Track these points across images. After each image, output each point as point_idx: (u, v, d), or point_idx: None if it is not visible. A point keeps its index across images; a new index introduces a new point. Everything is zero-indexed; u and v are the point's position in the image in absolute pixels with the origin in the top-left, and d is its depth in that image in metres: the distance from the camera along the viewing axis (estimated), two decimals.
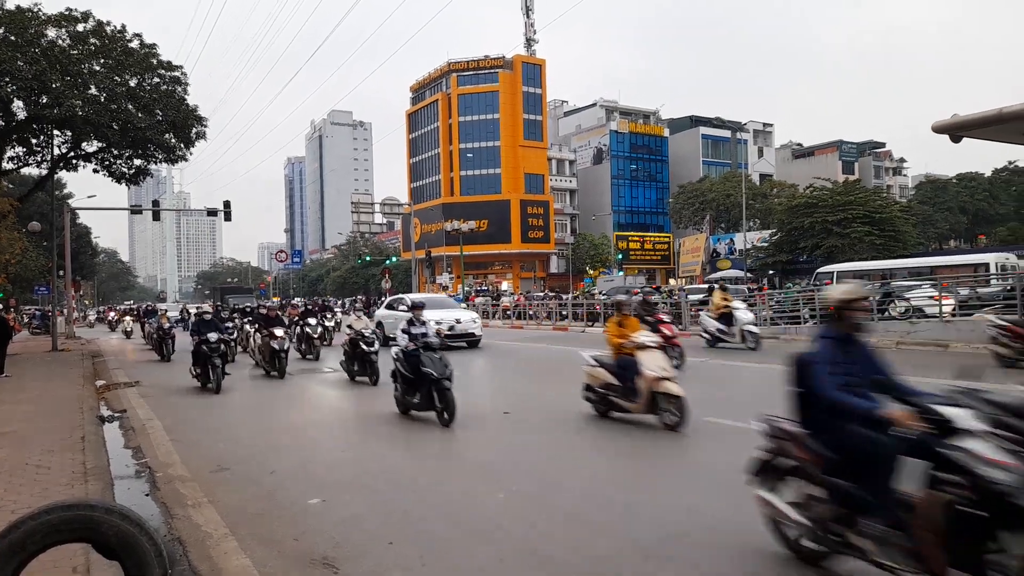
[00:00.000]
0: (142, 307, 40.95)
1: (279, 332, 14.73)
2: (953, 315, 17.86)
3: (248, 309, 25.74)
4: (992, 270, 23.26)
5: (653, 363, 8.05)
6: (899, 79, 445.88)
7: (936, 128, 11.57)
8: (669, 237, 74.78)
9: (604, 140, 79.52)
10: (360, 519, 5.42)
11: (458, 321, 20.31)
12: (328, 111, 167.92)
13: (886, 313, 19.42)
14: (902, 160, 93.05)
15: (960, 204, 65.02)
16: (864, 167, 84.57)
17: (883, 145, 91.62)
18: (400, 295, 26.46)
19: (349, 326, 13.26)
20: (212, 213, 33.83)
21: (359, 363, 13.09)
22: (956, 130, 11.51)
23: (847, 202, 42.93)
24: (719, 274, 51.27)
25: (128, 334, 32.62)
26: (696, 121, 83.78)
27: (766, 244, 50.46)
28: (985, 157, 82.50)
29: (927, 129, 11.99)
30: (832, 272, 28.72)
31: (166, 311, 24.87)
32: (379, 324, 20.24)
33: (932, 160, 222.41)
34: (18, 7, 21.97)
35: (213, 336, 12.85)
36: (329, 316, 22.34)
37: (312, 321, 19.23)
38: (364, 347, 12.84)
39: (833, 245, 42.05)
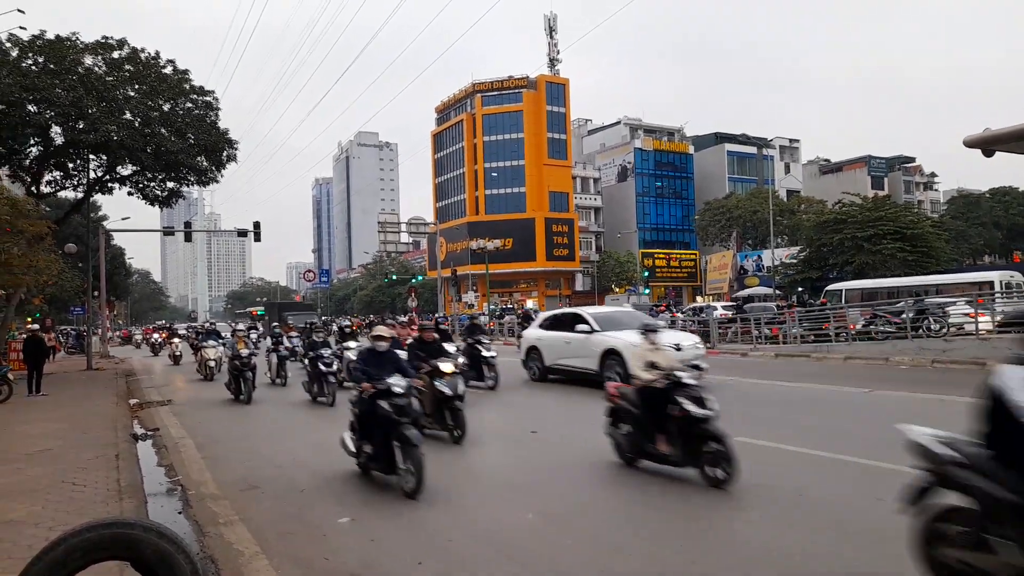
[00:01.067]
0: (198, 327, 31.63)
1: (447, 367, 9.48)
2: (990, 332, 17.57)
3: (345, 328, 21.50)
4: (996, 288, 23.23)
5: None
6: (929, 94, 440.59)
7: (968, 142, 11.39)
8: (695, 254, 74.28)
9: (628, 158, 79.48)
10: (388, 538, 5.43)
11: (678, 347, 13.20)
12: (355, 132, 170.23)
13: (920, 331, 19.05)
14: (933, 175, 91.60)
15: (994, 219, 63.72)
16: (894, 182, 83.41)
17: (913, 160, 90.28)
18: (571, 309, 17.98)
19: (652, 365, 7.19)
20: (242, 234, 34.41)
21: (679, 439, 6.67)
22: (988, 144, 11.31)
23: (877, 218, 42.29)
24: (747, 291, 50.80)
25: (176, 359, 27.24)
26: (721, 138, 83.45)
27: (794, 261, 49.84)
28: (1020, 171, 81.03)
29: (958, 144, 11.81)
30: (840, 290, 28.59)
31: (247, 332, 18.20)
32: (611, 351, 13.26)
33: (964, 175, 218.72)
34: (57, 36, 22.72)
35: (399, 384, 7.11)
36: (485, 341, 15.24)
37: (451, 348, 12.59)
38: (690, 408, 6.58)
39: (864, 262, 41.39)
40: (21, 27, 22.53)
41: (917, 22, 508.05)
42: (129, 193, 26.84)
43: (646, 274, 65.46)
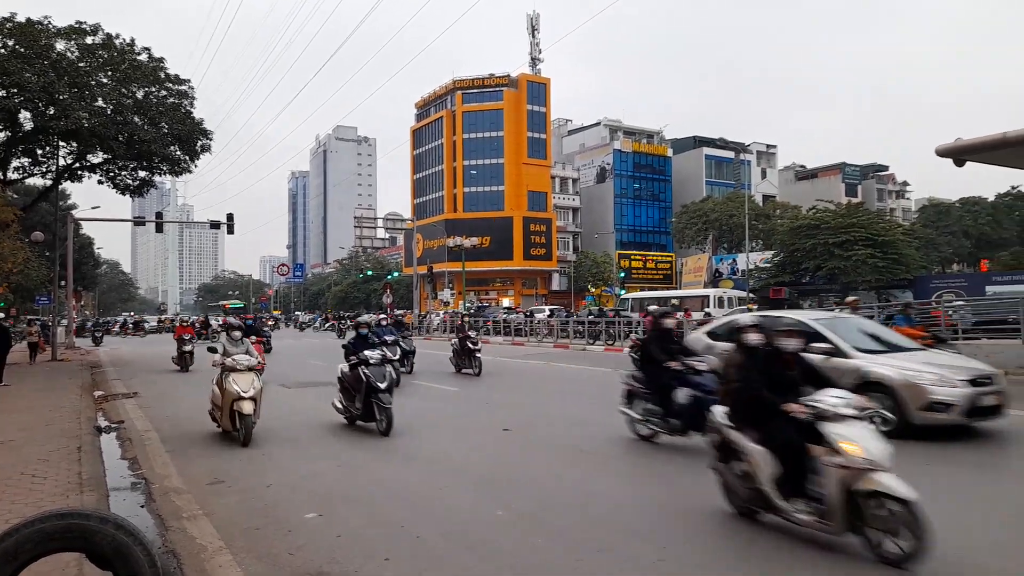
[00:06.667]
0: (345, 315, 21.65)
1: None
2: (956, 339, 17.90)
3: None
4: (711, 303, 25.63)
5: None
6: (903, 104, 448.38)
7: (940, 151, 11.56)
8: (671, 256, 74.75)
9: (607, 159, 79.75)
10: (356, 533, 5.36)
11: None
12: (333, 126, 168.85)
13: None
14: (905, 183, 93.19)
15: (963, 228, 64.92)
16: (867, 190, 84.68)
17: (886, 168, 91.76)
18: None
19: None
20: (215, 226, 33.92)
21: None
22: (960, 154, 11.50)
23: (850, 224, 42.84)
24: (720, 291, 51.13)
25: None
26: (700, 141, 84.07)
27: (768, 265, 50.38)
28: (988, 181, 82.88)
29: (930, 153, 11.99)
30: (628, 299, 36.91)
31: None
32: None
33: (935, 184, 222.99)
34: (28, 20, 22.18)
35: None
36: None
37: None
38: None
39: (835, 267, 41.95)
40: None
41: (897, 36, 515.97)
42: (100, 182, 26.35)
43: (622, 275, 65.73)
